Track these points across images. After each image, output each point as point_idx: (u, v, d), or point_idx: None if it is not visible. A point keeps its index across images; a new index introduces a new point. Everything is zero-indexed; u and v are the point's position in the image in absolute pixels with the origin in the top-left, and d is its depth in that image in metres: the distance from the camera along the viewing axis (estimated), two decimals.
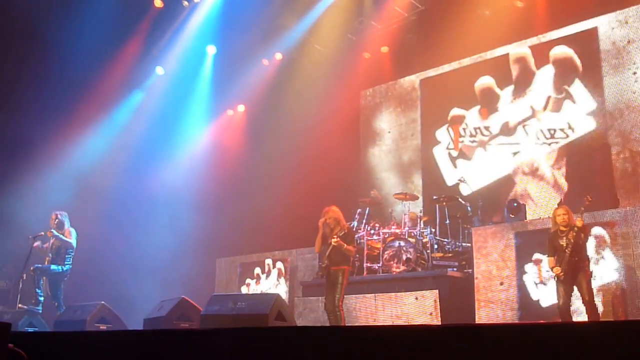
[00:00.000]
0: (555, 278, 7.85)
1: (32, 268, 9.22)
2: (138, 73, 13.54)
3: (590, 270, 7.72)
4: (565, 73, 11.76)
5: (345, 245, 8.22)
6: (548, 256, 8.06)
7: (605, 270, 8.33)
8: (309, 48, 14.33)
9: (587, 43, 11.56)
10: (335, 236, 8.20)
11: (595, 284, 7.93)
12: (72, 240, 9.44)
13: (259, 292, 12.10)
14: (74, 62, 11.58)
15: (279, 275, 12.08)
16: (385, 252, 10.52)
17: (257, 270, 12.45)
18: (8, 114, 11.01)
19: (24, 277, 9.49)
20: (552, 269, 7.88)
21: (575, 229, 7.64)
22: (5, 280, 10.93)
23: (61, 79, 11.59)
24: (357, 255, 10.94)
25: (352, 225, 11.32)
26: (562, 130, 11.58)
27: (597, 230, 8.59)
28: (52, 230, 9.33)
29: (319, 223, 8.51)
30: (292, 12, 13.40)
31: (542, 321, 8.23)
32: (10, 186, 10.99)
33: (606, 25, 11.40)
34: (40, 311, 9.21)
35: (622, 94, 11.00)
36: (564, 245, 7.74)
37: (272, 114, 14.54)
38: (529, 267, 9.07)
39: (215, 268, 13.38)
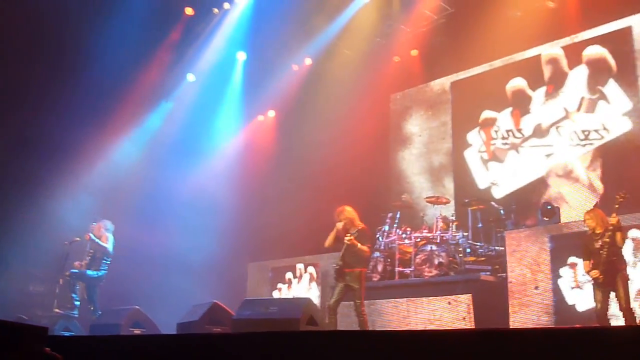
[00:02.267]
0: (592, 282, 7.74)
1: (67, 273, 9.35)
2: (169, 80, 13.70)
3: (627, 273, 7.59)
4: (599, 73, 11.59)
5: (358, 244, 8.14)
6: (583, 260, 7.95)
7: None
8: (338, 53, 14.33)
9: (621, 42, 11.39)
10: (349, 235, 8.15)
11: (633, 287, 7.79)
12: (109, 246, 9.54)
13: (290, 296, 12.12)
14: (107, 70, 11.73)
15: (311, 279, 12.10)
16: (417, 257, 10.47)
17: (289, 274, 12.48)
18: (43, 120, 11.18)
19: (60, 282, 9.64)
20: (588, 272, 7.77)
21: (610, 228, 7.52)
22: (42, 285, 11.08)
23: (95, 86, 11.75)
24: (389, 260, 10.94)
25: (383, 229, 11.30)
26: (596, 131, 11.41)
27: (634, 232, 8.46)
28: (90, 234, 9.44)
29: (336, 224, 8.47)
30: (321, 17, 13.42)
31: (578, 325, 8.12)
32: (46, 192, 11.17)
33: None
34: (77, 315, 9.34)
35: None
36: (599, 247, 7.64)
37: (302, 119, 14.57)
38: (564, 271, 8.95)
39: (247, 272, 13.43)
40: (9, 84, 10.80)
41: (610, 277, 7.55)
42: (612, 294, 7.61)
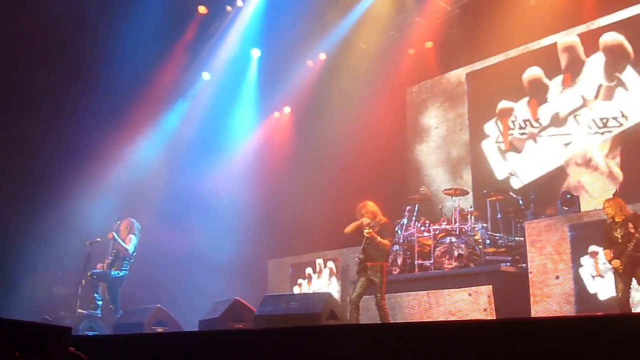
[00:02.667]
0: (614, 271, 7.70)
1: (89, 274, 9.42)
2: (185, 79, 13.77)
3: None
4: (616, 60, 11.49)
5: (378, 238, 8.16)
6: (604, 249, 7.92)
7: None
8: (353, 47, 14.32)
9: (638, 28, 11.27)
10: (368, 227, 8.17)
11: None
12: (130, 247, 9.58)
13: (311, 292, 12.15)
14: (124, 72, 11.88)
15: (331, 274, 12.12)
16: (437, 249, 10.46)
17: (309, 270, 12.52)
18: (63, 123, 11.29)
19: (83, 283, 9.72)
20: (609, 261, 7.74)
21: (634, 219, 7.52)
22: (66, 286, 11.19)
23: (113, 88, 11.88)
24: (409, 253, 10.94)
25: (401, 222, 11.29)
26: (615, 119, 11.32)
27: None
28: (113, 232, 9.50)
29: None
30: (335, 12, 13.42)
31: (600, 313, 8.08)
32: (68, 194, 11.28)
33: None
34: (100, 315, 9.41)
35: None
36: (619, 237, 7.62)
37: (319, 114, 14.58)
38: (585, 260, 8.90)
39: (267, 269, 13.49)
40: (29, 88, 10.92)
41: (631, 268, 7.52)
42: (634, 282, 7.59)
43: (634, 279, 7.58)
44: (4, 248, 10.59)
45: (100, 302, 9.39)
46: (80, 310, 9.54)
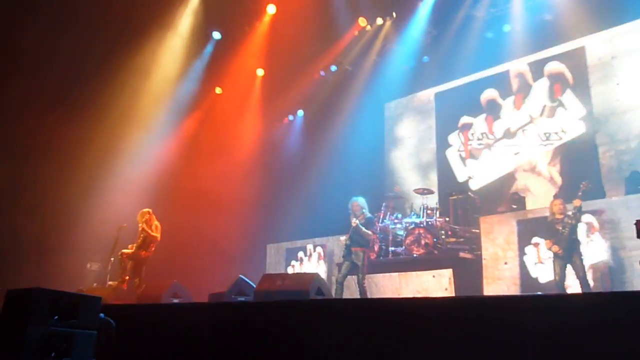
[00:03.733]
0: (553, 256, 7.77)
1: (120, 253, 9.38)
2: (202, 91, 13.76)
3: (581, 251, 7.63)
4: (558, 85, 11.56)
5: (363, 228, 8.25)
6: (545, 239, 7.98)
7: (595, 251, 8.18)
8: (342, 69, 14.37)
9: (576, 59, 11.36)
10: (355, 219, 8.27)
11: (586, 263, 7.80)
12: (157, 234, 9.51)
13: (302, 272, 12.14)
14: (157, 85, 12.08)
15: (319, 258, 12.11)
16: (407, 238, 10.47)
17: (301, 254, 12.50)
18: (100, 127, 11.25)
19: (112, 260, 9.69)
20: (550, 248, 7.81)
21: (573, 209, 7.60)
22: (98, 263, 11.15)
23: (144, 98, 11.98)
24: (384, 241, 10.94)
25: (379, 215, 11.30)
26: (556, 133, 11.39)
27: (587, 217, 8.44)
28: (143, 224, 9.41)
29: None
30: (325, 40, 13.46)
31: (539, 293, 8.13)
32: (102, 187, 11.27)
33: (593, 43, 11.19)
34: (126, 288, 9.36)
35: (607, 102, 10.78)
36: (560, 229, 7.69)
37: (315, 124, 14.63)
38: (529, 249, 8.96)
39: (266, 252, 13.47)
40: (74, 97, 10.88)
41: (568, 253, 7.59)
42: (569, 268, 7.64)
43: (569, 265, 7.64)
44: (48, 231, 10.56)
45: (127, 277, 9.35)
46: (110, 283, 9.50)
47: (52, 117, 10.51)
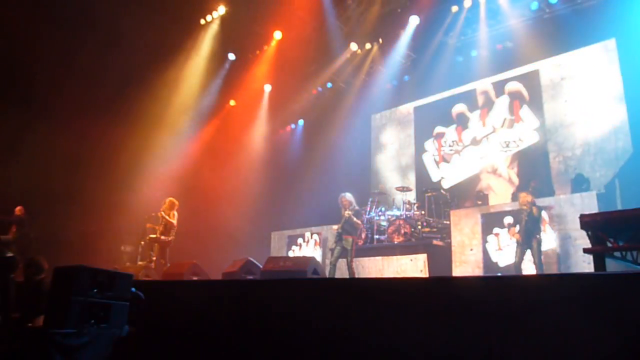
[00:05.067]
0: (516, 241, 7.78)
1: (148, 237, 9.36)
2: (218, 103, 13.77)
3: (540, 237, 7.64)
4: (516, 101, 11.59)
5: (354, 219, 8.22)
6: (512, 226, 8.04)
7: (546, 240, 8.22)
8: (337, 86, 14.37)
9: (532, 80, 11.40)
10: (348, 211, 8.24)
11: (542, 247, 7.84)
12: (174, 221, 9.47)
13: (300, 255, 12.15)
14: (183, 97, 12.07)
15: (315, 244, 12.11)
16: (389, 228, 10.50)
17: (300, 240, 12.50)
18: (128, 133, 11.25)
19: (142, 244, 9.67)
20: (513, 235, 7.85)
21: (528, 204, 7.62)
22: (130, 246, 11.15)
23: (169, 107, 12.02)
24: (370, 230, 10.95)
25: (366, 209, 11.33)
26: (514, 141, 11.42)
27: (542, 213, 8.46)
28: (162, 212, 9.40)
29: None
30: (322, 62, 13.47)
31: (499, 274, 8.16)
32: (133, 181, 11.26)
33: (546, 67, 11.23)
34: (153, 267, 9.35)
35: (557, 116, 10.83)
36: (523, 218, 7.71)
37: (315, 131, 14.66)
38: (490, 238, 8.99)
39: (270, 238, 13.48)
40: (116, 106, 10.90)
41: (527, 239, 7.60)
42: (528, 252, 7.65)
43: (529, 250, 7.66)
44: (90, 219, 10.55)
45: (154, 258, 9.33)
46: (140, 263, 9.49)
47: (98, 124, 10.53)
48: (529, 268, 7.74)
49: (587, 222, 4.32)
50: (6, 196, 9.25)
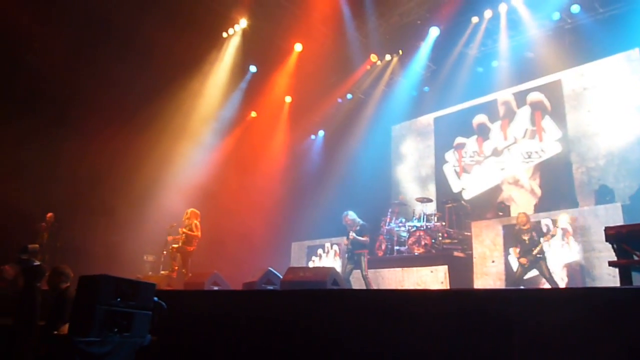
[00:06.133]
0: (519, 264, 7.70)
1: (170, 247, 9.45)
2: (240, 114, 13.92)
3: (545, 257, 7.58)
4: (538, 111, 11.45)
5: (359, 237, 8.22)
6: (514, 247, 7.91)
7: (569, 252, 8.06)
8: (356, 97, 14.41)
9: (554, 90, 11.25)
10: (352, 231, 8.26)
11: (561, 262, 7.70)
12: (197, 231, 9.49)
13: (320, 266, 12.13)
14: (206, 108, 12.28)
15: (335, 255, 12.09)
16: (409, 239, 10.43)
17: (320, 251, 12.50)
18: (151, 143, 11.46)
19: (164, 253, 9.75)
20: (518, 259, 7.73)
21: (527, 222, 7.54)
22: (152, 255, 11.26)
23: (192, 118, 12.22)
24: (390, 241, 10.90)
25: (386, 219, 11.27)
26: (536, 152, 11.26)
27: (563, 223, 8.32)
28: (183, 229, 9.42)
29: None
30: (343, 73, 13.55)
31: (522, 287, 8.01)
32: (155, 192, 11.43)
33: (568, 77, 11.08)
34: (175, 276, 9.41)
35: (580, 126, 10.65)
36: (526, 239, 7.61)
37: (336, 142, 14.69)
38: (512, 250, 8.84)
39: (291, 249, 13.50)
40: (141, 117, 11.12)
41: (532, 265, 7.50)
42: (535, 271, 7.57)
43: (535, 269, 7.56)
44: (114, 229, 10.73)
45: (176, 268, 9.41)
46: (162, 272, 9.57)
47: (123, 135, 10.76)
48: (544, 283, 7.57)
49: (612, 235, 4.23)
50: (38, 209, 9.50)
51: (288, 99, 14.36)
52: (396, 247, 10.66)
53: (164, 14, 10.80)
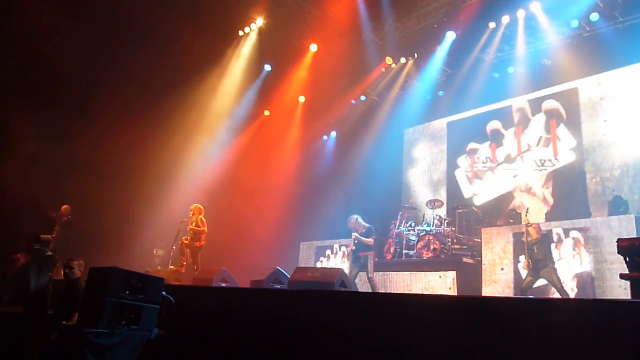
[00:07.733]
0: (526, 273, 7.61)
1: (180, 242, 9.49)
2: (254, 113, 13.97)
3: (555, 267, 7.44)
4: (553, 119, 11.34)
5: (363, 239, 8.21)
6: (524, 255, 7.82)
7: (580, 263, 7.96)
8: (369, 99, 14.38)
9: (570, 98, 11.13)
10: (356, 234, 8.28)
11: (572, 272, 7.61)
12: (204, 227, 9.55)
13: (328, 266, 12.11)
14: (221, 107, 12.39)
15: (343, 256, 12.07)
16: (419, 243, 10.39)
17: (328, 251, 12.49)
18: (163, 146, 11.54)
19: (174, 248, 9.80)
20: (527, 268, 7.65)
21: (539, 235, 7.42)
22: (162, 250, 11.32)
23: (209, 118, 12.30)
24: (399, 245, 10.87)
25: (395, 223, 11.23)
26: (550, 160, 11.15)
27: (574, 233, 8.24)
28: (190, 226, 9.47)
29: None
30: (357, 74, 13.52)
31: (531, 296, 7.93)
32: (167, 187, 11.49)
33: (585, 85, 10.96)
34: (184, 271, 9.46)
35: (595, 135, 10.52)
36: (535, 250, 7.51)
37: (348, 143, 14.67)
38: (522, 258, 8.75)
39: (299, 249, 13.50)
40: (156, 112, 11.20)
41: (542, 274, 7.38)
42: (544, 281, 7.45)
43: (544, 280, 7.46)
44: (125, 223, 10.82)
45: (185, 263, 9.45)
46: (171, 267, 9.61)
47: (138, 129, 10.85)
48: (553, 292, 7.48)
49: (625, 247, 4.17)
50: (52, 199, 9.62)
51: (302, 99, 14.36)
52: (405, 251, 10.62)
53: (184, 10, 10.87)
